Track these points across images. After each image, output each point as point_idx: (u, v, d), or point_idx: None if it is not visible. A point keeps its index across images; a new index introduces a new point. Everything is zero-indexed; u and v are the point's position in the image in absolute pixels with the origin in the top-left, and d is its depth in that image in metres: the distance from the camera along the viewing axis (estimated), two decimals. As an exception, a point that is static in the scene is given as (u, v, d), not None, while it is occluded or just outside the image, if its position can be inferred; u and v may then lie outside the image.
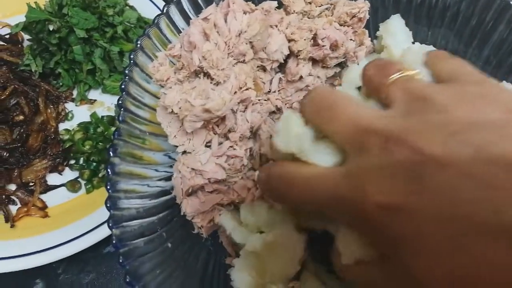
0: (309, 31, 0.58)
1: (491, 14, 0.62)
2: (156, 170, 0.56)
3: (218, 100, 0.51)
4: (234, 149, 0.57)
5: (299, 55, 0.59)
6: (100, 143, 0.78)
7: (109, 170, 0.47)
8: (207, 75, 0.55)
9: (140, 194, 0.52)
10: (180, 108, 0.53)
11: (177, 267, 0.52)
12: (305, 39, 0.58)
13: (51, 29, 0.77)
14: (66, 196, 0.77)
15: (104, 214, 0.71)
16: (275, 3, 0.60)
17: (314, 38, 0.59)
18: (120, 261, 0.43)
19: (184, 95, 0.53)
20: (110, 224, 0.44)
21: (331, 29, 0.59)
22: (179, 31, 0.60)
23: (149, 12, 0.90)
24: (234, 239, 0.54)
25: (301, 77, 0.59)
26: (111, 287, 0.72)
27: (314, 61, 0.60)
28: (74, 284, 0.72)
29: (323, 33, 0.58)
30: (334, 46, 0.59)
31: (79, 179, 0.77)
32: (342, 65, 0.63)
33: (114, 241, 0.44)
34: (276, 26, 0.59)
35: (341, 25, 0.61)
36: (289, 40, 0.58)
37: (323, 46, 0.58)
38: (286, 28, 0.58)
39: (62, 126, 0.84)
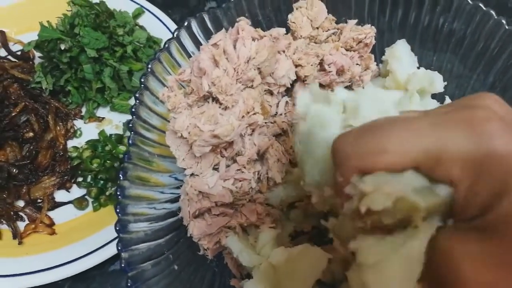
0: (316, 57, 0.59)
1: (496, 41, 0.62)
2: (162, 192, 0.57)
3: (227, 126, 0.52)
4: (242, 172, 0.58)
5: (305, 80, 0.60)
6: (108, 161, 0.79)
7: (119, 193, 0.47)
8: (215, 99, 0.56)
9: (148, 216, 0.52)
10: (189, 133, 0.54)
11: (183, 289, 0.52)
12: (312, 65, 0.59)
13: (62, 48, 0.79)
14: (73, 214, 0.77)
15: (111, 232, 0.72)
16: (284, 30, 0.62)
17: (321, 63, 0.60)
18: (129, 285, 0.44)
19: (193, 119, 0.54)
20: (119, 248, 0.45)
21: (338, 55, 0.60)
22: (188, 55, 0.61)
23: (158, 31, 0.91)
24: (241, 261, 0.54)
25: None
26: (116, 305, 0.72)
27: (320, 84, 0.61)
28: (79, 302, 0.72)
29: (329, 58, 0.59)
30: (340, 71, 0.60)
31: (86, 197, 0.78)
32: (347, 89, 0.64)
33: (123, 265, 0.44)
34: (284, 51, 0.60)
35: (347, 50, 0.62)
36: (296, 66, 0.60)
37: (329, 71, 0.59)
38: (294, 54, 0.60)
39: (70, 143, 0.85)
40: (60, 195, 0.80)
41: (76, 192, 0.80)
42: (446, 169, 0.28)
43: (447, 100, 0.64)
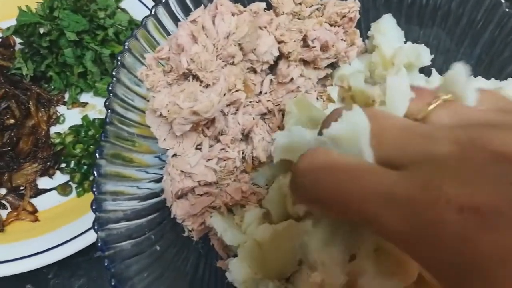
0: (299, 33, 0.58)
1: (482, 12, 0.62)
2: (146, 172, 0.56)
3: (206, 102, 0.51)
4: (226, 151, 0.57)
5: (289, 57, 0.59)
6: (91, 146, 0.77)
7: (95, 172, 0.46)
8: (196, 77, 0.55)
9: (129, 196, 0.51)
10: (168, 111, 0.52)
11: (165, 270, 0.51)
12: (295, 41, 0.58)
13: (41, 32, 0.77)
14: (57, 200, 0.77)
15: (94, 218, 0.71)
16: (264, 5, 0.60)
17: (304, 39, 0.58)
18: (106, 264, 0.43)
19: (172, 98, 0.53)
20: (96, 227, 0.44)
21: (322, 30, 0.58)
22: (168, 33, 0.60)
23: (140, 15, 0.89)
24: (225, 241, 0.53)
25: (292, 78, 0.59)
26: (102, 291, 0.72)
27: (305, 62, 0.60)
28: (65, 289, 0.71)
29: (313, 34, 0.57)
30: (324, 47, 0.59)
31: (70, 183, 0.77)
32: (333, 66, 0.63)
33: (99, 244, 0.43)
34: (265, 27, 0.58)
35: (331, 25, 0.61)
36: (279, 42, 0.58)
37: (313, 47, 0.58)
38: (276, 30, 0.58)
39: (53, 130, 0.84)
40: (43, 182, 0.79)
41: (60, 178, 0.79)
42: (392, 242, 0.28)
43: (434, 72, 0.63)
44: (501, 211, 0.22)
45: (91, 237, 0.69)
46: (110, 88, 0.51)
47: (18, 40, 0.89)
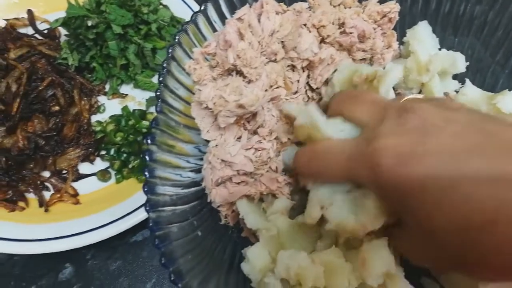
0: (337, 19, 0.59)
1: (518, 25, 0.63)
2: (188, 161, 0.59)
3: (252, 96, 0.54)
4: (261, 142, 0.59)
5: (326, 39, 0.60)
6: (131, 136, 0.81)
7: (147, 156, 0.49)
8: (239, 73, 0.57)
9: (174, 182, 0.54)
10: (214, 104, 0.55)
11: (206, 256, 0.54)
12: (333, 23, 0.59)
13: (89, 24, 0.81)
14: (97, 185, 0.80)
15: (133, 203, 0.74)
16: (306, 4, 0.62)
17: (343, 27, 0.60)
18: (156, 243, 0.45)
19: (218, 91, 0.56)
20: (147, 208, 0.47)
21: (359, 20, 0.60)
22: (214, 30, 0.62)
23: (181, 11, 0.93)
24: (246, 223, 0.56)
25: (320, 58, 0.60)
26: (136, 274, 0.75)
27: (341, 46, 0.61)
28: (102, 270, 0.75)
29: (351, 22, 0.59)
30: (361, 37, 0.60)
31: (109, 169, 0.80)
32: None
33: (151, 224, 0.46)
34: (305, 24, 0.60)
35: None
36: (318, 28, 0.60)
37: (350, 33, 0.60)
38: (313, 19, 0.60)
39: (94, 118, 0.87)
40: (84, 167, 0.82)
41: (100, 164, 0.82)
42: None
43: (468, 82, 0.64)
44: (413, 152, 0.35)
45: (128, 222, 0.72)
46: (161, 78, 0.54)
47: (63, 32, 0.93)
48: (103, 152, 0.83)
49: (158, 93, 0.54)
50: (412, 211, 0.36)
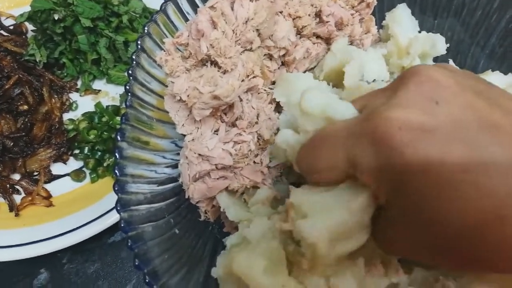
0: (313, 7, 0.58)
1: (497, 4, 0.62)
2: (164, 157, 0.56)
3: (227, 87, 0.51)
4: (241, 135, 0.57)
5: (302, 31, 0.58)
6: (105, 133, 0.78)
7: (117, 154, 0.46)
8: (214, 63, 0.55)
9: (148, 179, 0.52)
10: (188, 96, 0.52)
11: (184, 254, 0.52)
12: (309, 15, 0.58)
13: (56, 18, 0.77)
14: (71, 186, 0.77)
15: (109, 203, 0.71)
16: (281, -9, 0.60)
17: (319, 15, 0.58)
18: (129, 244, 0.43)
19: (192, 83, 0.53)
20: (118, 208, 0.44)
21: (336, 7, 0.58)
22: (186, 19, 0.60)
23: (154, 2, 0.90)
24: (227, 216, 0.54)
25: (294, 58, 0.58)
26: (116, 276, 0.72)
27: (318, 37, 0.59)
28: (79, 273, 0.72)
29: (327, 9, 0.57)
30: (339, 24, 0.59)
31: (83, 169, 0.77)
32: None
33: (122, 225, 0.44)
34: (281, 12, 0.58)
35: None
36: (294, 19, 0.58)
37: (327, 21, 0.58)
38: (289, 8, 0.58)
39: (66, 116, 0.84)
40: (57, 168, 0.79)
41: (73, 164, 0.80)
42: (360, 175, 0.35)
43: (451, 63, 0.63)
44: (427, 128, 0.31)
45: (105, 223, 0.69)
46: (130, 71, 0.51)
47: (30, 27, 0.89)
48: (76, 151, 0.80)
49: (127, 87, 0.51)
50: (411, 196, 0.31)
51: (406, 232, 0.34)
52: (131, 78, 0.52)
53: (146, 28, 0.55)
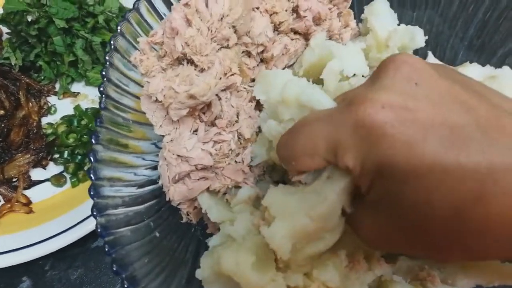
0: (290, 2, 0.57)
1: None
2: (143, 159, 0.56)
3: (203, 85, 0.50)
4: (221, 134, 0.56)
5: (279, 27, 0.58)
6: (85, 136, 0.76)
7: (91, 157, 0.45)
8: (190, 61, 0.54)
9: (126, 182, 0.51)
10: (164, 96, 0.51)
11: (165, 257, 0.51)
12: (286, 10, 0.57)
13: (29, 19, 0.75)
14: (51, 191, 0.76)
15: (90, 208, 0.70)
16: (257, -14, 0.59)
17: (297, 11, 0.58)
18: (106, 249, 0.42)
19: (168, 82, 0.52)
20: (95, 213, 0.43)
21: (313, 1, 0.58)
22: (160, 17, 0.59)
23: (131, 2, 0.88)
24: (210, 217, 0.53)
25: (272, 55, 0.58)
26: (100, 281, 0.71)
27: (296, 32, 0.59)
28: (62, 280, 0.70)
29: (304, 4, 0.57)
30: (317, 19, 0.58)
31: (64, 173, 0.76)
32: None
33: (99, 230, 0.43)
34: (258, 8, 0.58)
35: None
36: (271, 14, 0.57)
37: (304, 17, 0.57)
38: (266, 4, 0.57)
39: (45, 120, 0.82)
40: (37, 173, 0.78)
41: (53, 169, 0.78)
42: (341, 161, 0.35)
43: (430, 55, 0.63)
44: (409, 107, 0.32)
45: (87, 227, 0.68)
46: (103, 72, 0.50)
47: (5, 30, 0.87)
48: (56, 156, 0.78)
49: (101, 89, 0.50)
50: (395, 177, 0.32)
51: (389, 220, 0.34)
52: (104, 79, 0.51)
53: (119, 27, 0.54)
